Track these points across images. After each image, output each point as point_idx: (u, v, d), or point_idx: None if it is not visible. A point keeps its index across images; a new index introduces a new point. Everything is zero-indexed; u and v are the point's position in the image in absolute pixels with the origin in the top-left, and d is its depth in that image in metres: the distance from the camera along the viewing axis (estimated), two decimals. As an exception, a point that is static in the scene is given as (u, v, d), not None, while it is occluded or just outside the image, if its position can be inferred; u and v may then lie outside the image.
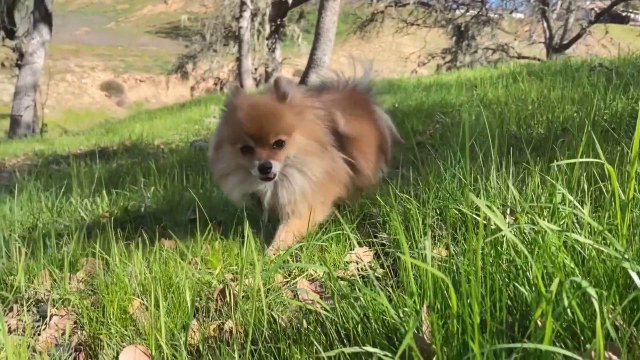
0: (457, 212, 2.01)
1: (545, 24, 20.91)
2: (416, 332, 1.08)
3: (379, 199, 2.37)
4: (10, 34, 14.79)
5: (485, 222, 1.80)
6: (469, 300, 1.02)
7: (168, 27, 32.01)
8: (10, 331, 1.64)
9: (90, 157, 6.42)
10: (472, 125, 3.99)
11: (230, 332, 1.37)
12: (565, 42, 20.50)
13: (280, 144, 2.09)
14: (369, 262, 1.98)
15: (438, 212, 2.17)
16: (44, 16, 13.65)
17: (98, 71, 22.95)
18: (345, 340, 1.18)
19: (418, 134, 4.42)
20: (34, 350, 1.48)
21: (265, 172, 2.04)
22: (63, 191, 3.89)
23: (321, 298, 1.68)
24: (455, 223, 1.98)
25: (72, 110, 19.59)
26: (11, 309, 1.85)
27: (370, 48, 29.37)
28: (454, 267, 1.34)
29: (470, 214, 1.54)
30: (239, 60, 17.71)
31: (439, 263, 1.43)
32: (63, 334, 1.60)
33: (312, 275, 1.91)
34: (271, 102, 2.17)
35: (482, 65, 16.94)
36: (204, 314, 1.59)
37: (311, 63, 11.73)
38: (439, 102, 5.55)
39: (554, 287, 0.91)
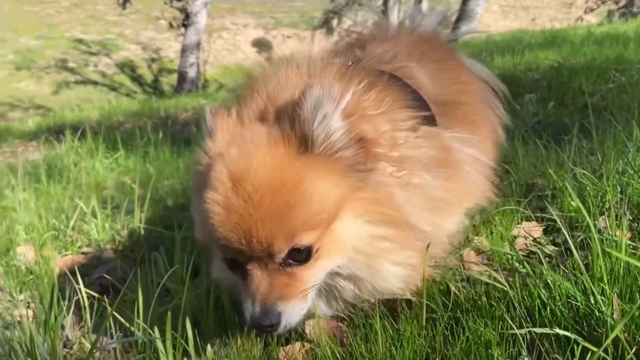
0: (644, 192, 1.87)
1: None
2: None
3: (549, 170, 2.28)
4: (177, -4, 16.14)
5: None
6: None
7: (314, -19, 32.42)
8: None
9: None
10: (656, 86, 3.56)
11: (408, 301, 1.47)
12: None
13: (302, 256, 1.13)
14: (539, 237, 1.94)
15: (619, 189, 2.03)
16: (207, -22, 14.68)
17: (250, 28, 24.23)
18: (528, 319, 1.22)
19: (587, 95, 4.05)
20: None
21: (263, 330, 1.16)
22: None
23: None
24: (642, 203, 1.84)
25: (228, 66, 21.06)
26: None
27: (527, -7, 26.83)
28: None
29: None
30: (384, 13, 17.43)
31: (630, 250, 1.37)
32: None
33: (478, 247, 1.93)
34: (277, 160, 1.14)
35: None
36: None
37: (462, 14, 11.12)
38: (613, 58, 4.97)
39: None
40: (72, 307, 1.63)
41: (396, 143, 1.22)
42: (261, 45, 22.75)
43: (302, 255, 1.12)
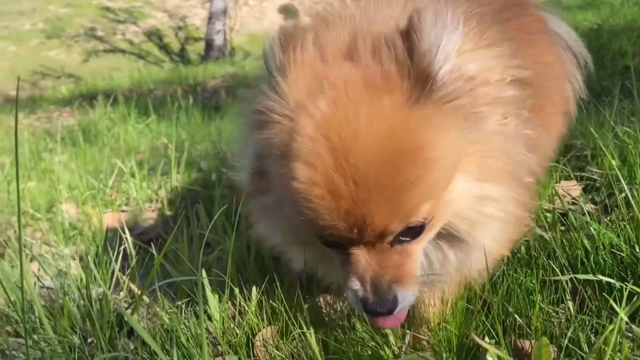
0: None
1: None
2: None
3: (590, 129, 2.23)
4: (203, -38, 15.99)
5: None
6: None
7: (341, -55, 31.59)
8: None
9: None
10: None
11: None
12: None
13: (416, 231, 0.96)
14: (578, 196, 1.92)
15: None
16: (231, -57, 14.48)
17: (276, -5, 23.85)
18: (570, 269, 1.22)
19: (628, 57, 3.92)
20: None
21: (377, 313, 0.98)
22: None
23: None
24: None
25: (254, 34, 20.92)
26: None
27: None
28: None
29: None
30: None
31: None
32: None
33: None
34: (388, 118, 0.91)
35: None
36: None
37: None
38: (655, 19, 4.79)
39: None
40: (120, 256, 1.70)
41: (505, 81, 1.02)
42: (287, 12, 22.50)
43: (415, 230, 0.95)
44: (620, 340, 0.94)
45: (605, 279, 1.08)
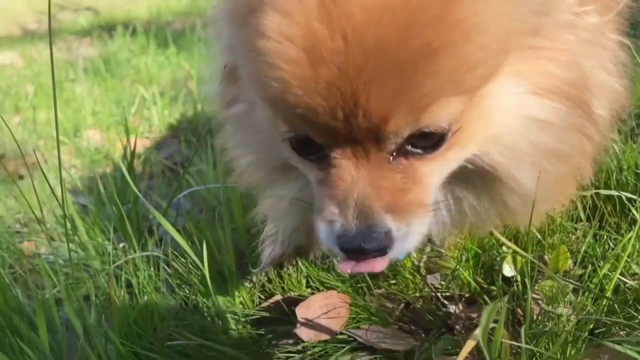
0: None
1: None
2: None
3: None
4: None
5: None
6: None
7: None
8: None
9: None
10: None
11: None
12: None
13: (430, 142, 0.65)
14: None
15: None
16: None
17: None
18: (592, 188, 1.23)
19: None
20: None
21: (359, 249, 0.64)
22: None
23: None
24: None
25: (273, -34, 20.23)
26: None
27: None
28: None
29: None
30: None
31: None
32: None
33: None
34: None
35: None
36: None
37: None
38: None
39: None
40: (146, 176, 1.75)
41: None
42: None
43: (429, 141, 0.64)
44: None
45: (627, 194, 1.09)
